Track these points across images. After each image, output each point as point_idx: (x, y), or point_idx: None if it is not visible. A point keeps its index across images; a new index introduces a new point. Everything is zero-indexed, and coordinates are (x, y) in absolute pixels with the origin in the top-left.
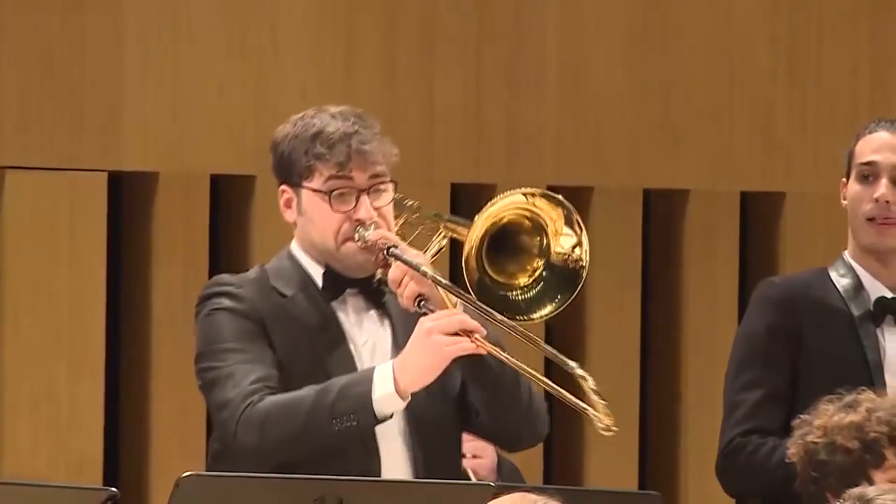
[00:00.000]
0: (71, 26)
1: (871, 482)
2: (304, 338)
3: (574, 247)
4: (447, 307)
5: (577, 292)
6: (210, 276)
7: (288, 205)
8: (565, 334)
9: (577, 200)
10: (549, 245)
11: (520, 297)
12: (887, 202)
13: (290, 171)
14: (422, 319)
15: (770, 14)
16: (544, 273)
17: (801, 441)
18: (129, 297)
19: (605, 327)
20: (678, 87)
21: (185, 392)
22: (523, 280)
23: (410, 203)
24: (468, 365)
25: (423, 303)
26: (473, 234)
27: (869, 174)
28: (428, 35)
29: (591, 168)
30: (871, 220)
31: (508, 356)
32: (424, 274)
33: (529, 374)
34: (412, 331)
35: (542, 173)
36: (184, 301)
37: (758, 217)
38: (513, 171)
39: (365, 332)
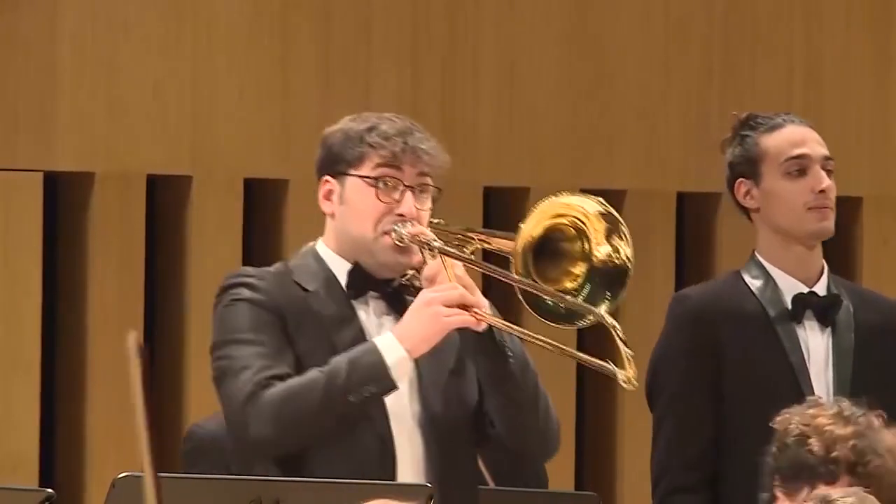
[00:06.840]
0: (5, 24)
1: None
2: (324, 332)
3: (616, 250)
4: None
5: (624, 291)
6: (146, 277)
7: (328, 196)
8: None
9: (513, 201)
10: (591, 250)
11: (563, 306)
12: (824, 191)
13: (337, 162)
14: (423, 291)
15: (704, 15)
16: (588, 277)
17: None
18: (64, 296)
19: (538, 326)
20: (614, 87)
21: (121, 392)
22: (569, 285)
23: (437, 221)
24: (488, 371)
25: None
26: (526, 231)
27: (798, 168)
28: (363, 35)
29: (527, 169)
30: (811, 208)
31: (511, 325)
32: (469, 262)
33: (536, 339)
34: None
35: (478, 174)
36: (119, 301)
37: (693, 217)
38: (449, 172)
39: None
